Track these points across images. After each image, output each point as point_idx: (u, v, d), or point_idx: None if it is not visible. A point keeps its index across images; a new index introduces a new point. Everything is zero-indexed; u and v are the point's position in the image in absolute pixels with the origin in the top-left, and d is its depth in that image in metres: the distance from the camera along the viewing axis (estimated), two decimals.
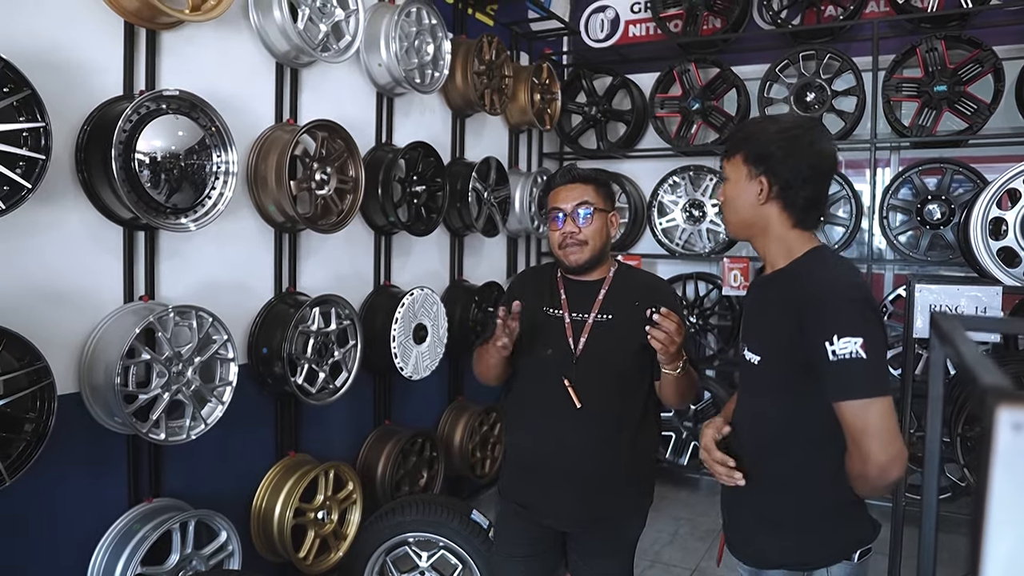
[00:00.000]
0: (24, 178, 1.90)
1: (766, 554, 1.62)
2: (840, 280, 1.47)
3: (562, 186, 1.98)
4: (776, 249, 1.58)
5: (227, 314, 2.48)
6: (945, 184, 3.90)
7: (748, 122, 1.66)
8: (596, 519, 1.98)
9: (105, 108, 2.23)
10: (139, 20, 2.32)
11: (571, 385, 1.92)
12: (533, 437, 2.00)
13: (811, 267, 1.52)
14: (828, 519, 1.57)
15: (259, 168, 2.73)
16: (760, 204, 1.55)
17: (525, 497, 2.03)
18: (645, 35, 5.05)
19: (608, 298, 1.97)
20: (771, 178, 1.53)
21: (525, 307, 1.98)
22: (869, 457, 1.36)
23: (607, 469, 1.94)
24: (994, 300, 2.43)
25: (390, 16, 3.17)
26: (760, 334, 1.60)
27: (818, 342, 1.39)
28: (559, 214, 1.95)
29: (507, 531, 2.11)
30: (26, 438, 1.96)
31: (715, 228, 4.51)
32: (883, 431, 1.36)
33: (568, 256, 1.94)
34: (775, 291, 1.57)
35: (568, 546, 2.07)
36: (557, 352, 1.95)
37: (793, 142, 1.52)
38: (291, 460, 2.97)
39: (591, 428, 1.92)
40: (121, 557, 2.27)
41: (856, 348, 1.36)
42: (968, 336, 0.85)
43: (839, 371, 1.38)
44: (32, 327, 2.01)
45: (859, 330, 1.37)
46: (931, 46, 3.77)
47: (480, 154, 3.97)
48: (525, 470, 2.04)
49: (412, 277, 3.69)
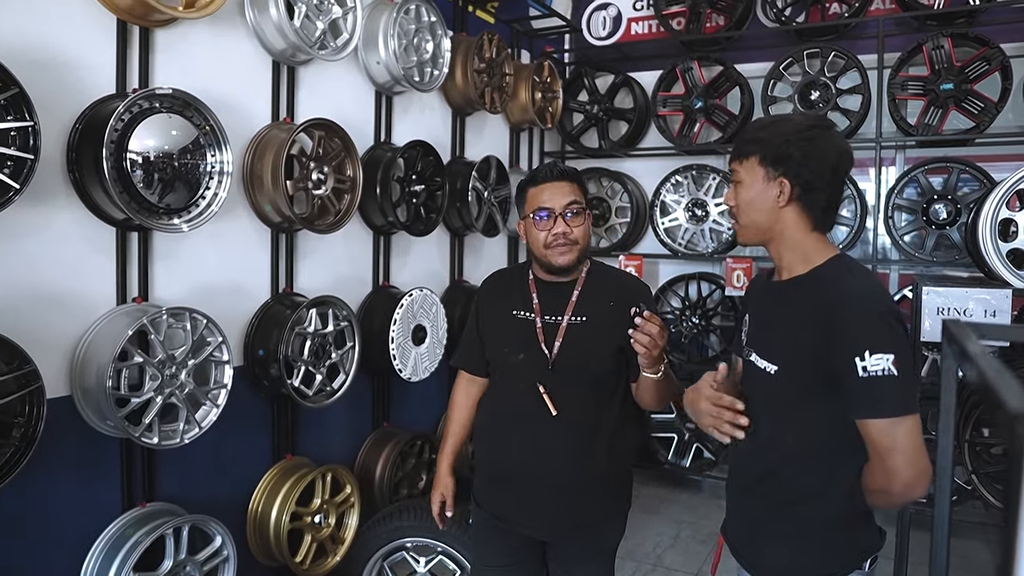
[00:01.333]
0: (12, 178, 1.86)
1: (779, 566, 1.58)
2: (868, 291, 1.43)
3: (548, 183, 1.90)
4: (793, 254, 1.54)
5: (222, 316, 2.44)
6: (951, 183, 3.85)
7: (758, 122, 1.60)
8: (574, 527, 1.93)
9: (97, 107, 2.19)
10: (132, 17, 2.28)
11: (546, 392, 1.86)
12: (508, 446, 1.94)
13: (836, 275, 1.47)
14: (843, 531, 1.53)
15: (255, 168, 2.69)
16: (779, 207, 1.51)
17: (501, 507, 1.97)
18: (647, 33, 5.00)
19: (582, 299, 1.91)
20: (792, 180, 1.48)
21: (496, 314, 1.96)
22: (895, 474, 1.33)
23: (584, 477, 1.88)
24: (1004, 303, 2.39)
25: (389, 13, 3.13)
26: (780, 343, 1.53)
27: (848, 357, 1.35)
28: (544, 213, 1.87)
29: (485, 541, 2.06)
30: (15, 443, 1.92)
31: (718, 228, 4.47)
32: (911, 448, 1.32)
33: (558, 257, 1.87)
34: (796, 300, 1.51)
35: (548, 555, 2.02)
36: (529, 358, 1.90)
37: (812, 142, 1.47)
38: (288, 463, 2.93)
39: (567, 436, 1.86)
40: (114, 563, 2.23)
41: (888, 365, 1.32)
42: (985, 349, 0.81)
43: (870, 388, 1.34)
44: (22, 330, 1.98)
45: (891, 346, 1.34)
46: (937, 44, 3.72)
47: (480, 153, 3.93)
48: (500, 480, 1.98)
49: (411, 278, 3.65)
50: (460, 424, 2.13)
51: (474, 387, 2.14)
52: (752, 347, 1.61)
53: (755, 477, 1.60)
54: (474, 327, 2.10)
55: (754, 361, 1.59)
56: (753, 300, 1.72)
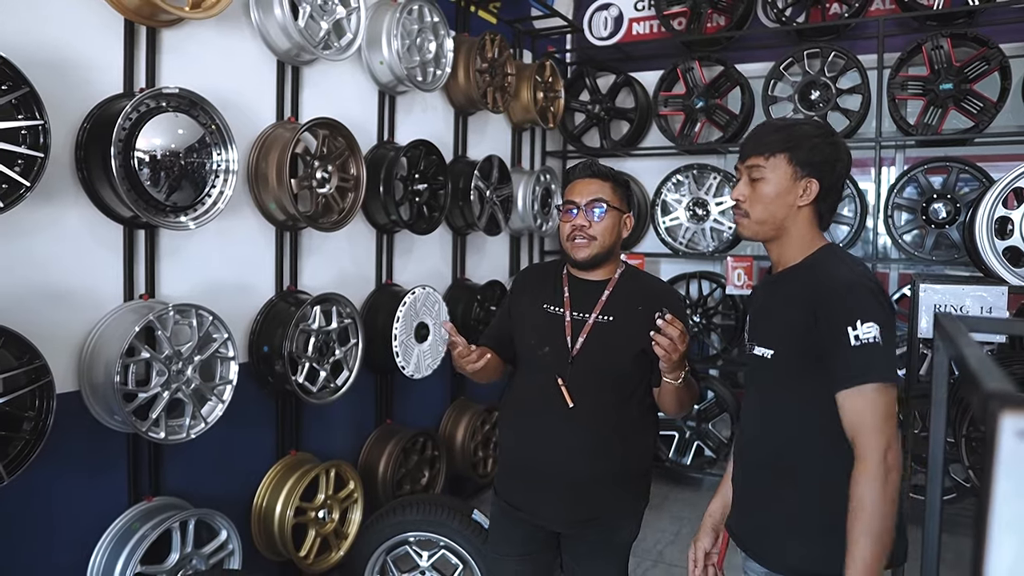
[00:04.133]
0: (23, 176, 1.89)
1: (786, 559, 1.57)
2: (857, 271, 1.51)
3: (580, 180, 1.98)
4: (793, 250, 1.60)
5: (228, 312, 2.48)
6: (951, 183, 3.87)
7: (777, 123, 1.63)
8: (587, 520, 1.95)
9: (105, 106, 2.23)
10: (139, 18, 2.31)
11: (564, 384, 1.90)
12: (524, 436, 1.98)
13: (826, 261, 1.55)
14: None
15: (260, 166, 2.72)
16: (799, 206, 1.57)
17: (516, 497, 2.01)
18: (649, 33, 5.02)
19: (612, 299, 1.95)
20: (820, 181, 1.55)
21: (527, 304, 1.98)
22: (870, 448, 1.37)
23: (598, 470, 1.91)
24: (1000, 300, 2.41)
25: (392, 14, 3.16)
26: (773, 328, 1.59)
27: (840, 328, 1.41)
28: (572, 207, 1.94)
29: (501, 530, 2.09)
30: (25, 436, 1.96)
31: (719, 227, 4.49)
32: (885, 415, 1.38)
33: (575, 250, 1.92)
34: (788, 285, 1.58)
35: (562, 547, 2.05)
36: (553, 350, 1.94)
37: (836, 148, 1.56)
38: (292, 459, 2.96)
39: (583, 428, 1.89)
40: (121, 556, 2.26)
41: (876, 334, 1.39)
42: (972, 337, 0.83)
43: (862, 354, 1.39)
44: (31, 325, 2.01)
45: (878, 317, 1.41)
46: (937, 44, 3.74)
47: (483, 152, 3.96)
48: (516, 469, 2.02)
49: (414, 276, 3.68)
50: None
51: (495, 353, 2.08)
52: (753, 340, 1.65)
53: (757, 466, 1.63)
54: (506, 312, 2.13)
55: (754, 351, 1.62)
56: (755, 297, 1.78)
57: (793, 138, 1.56)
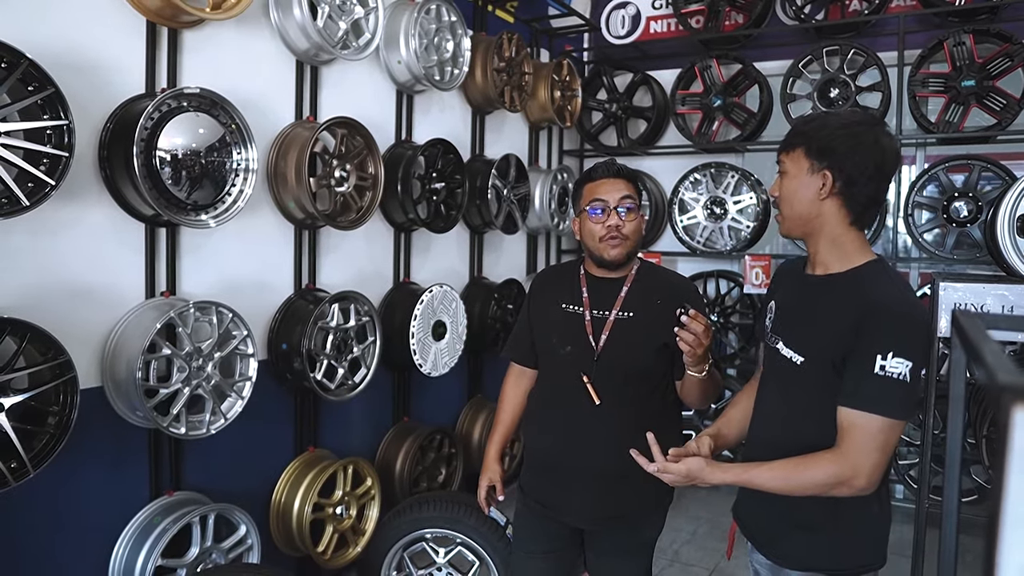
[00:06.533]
0: (48, 175, 1.92)
1: (793, 553, 1.59)
2: (909, 299, 1.48)
3: (606, 179, 1.98)
4: (829, 249, 1.56)
5: (247, 310, 2.50)
6: (972, 181, 3.82)
7: (808, 116, 1.63)
8: (614, 517, 1.97)
9: (127, 106, 2.26)
10: (161, 19, 2.34)
11: (590, 382, 1.91)
12: (552, 435, 2.00)
13: (875, 278, 1.50)
14: (862, 525, 1.54)
15: (279, 165, 2.75)
16: (820, 199, 1.53)
17: (544, 495, 2.03)
18: (666, 31, 5.01)
19: (630, 296, 1.96)
20: (835, 172, 1.50)
21: (546, 305, 2.00)
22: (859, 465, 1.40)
23: (625, 466, 1.92)
24: (1021, 298, 2.38)
25: (409, 13, 3.18)
26: (811, 337, 1.56)
27: (871, 352, 1.40)
28: (600, 207, 1.94)
29: (526, 528, 2.11)
30: (50, 431, 1.99)
31: (736, 225, 4.47)
32: (885, 446, 1.40)
33: (610, 250, 1.92)
34: (831, 295, 1.54)
35: (586, 544, 2.07)
36: (576, 349, 1.95)
37: (857, 137, 1.50)
38: (310, 455, 2.99)
39: (610, 425, 1.91)
40: (142, 549, 2.30)
41: (906, 371, 1.38)
42: (989, 334, 0.83)
43: (881, 386, 1.38)
44: (56, 322, 2.04)
45: (913, 354, 1.39)
46: (959, 40, 3.70)
47: (500, 151, 3.97)
48: (544, 468, 2.04)
49: (431, 274, 3.70)
50: (509, 415, 2.19)
51: (524, 380, 2.19)
52: (778, 334, 1.63)
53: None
54: (525, 318, 2.15)
55: (779, 349, 1.61)
56: (782, 287, 1.74)
57: (812, 130, 1.54)
